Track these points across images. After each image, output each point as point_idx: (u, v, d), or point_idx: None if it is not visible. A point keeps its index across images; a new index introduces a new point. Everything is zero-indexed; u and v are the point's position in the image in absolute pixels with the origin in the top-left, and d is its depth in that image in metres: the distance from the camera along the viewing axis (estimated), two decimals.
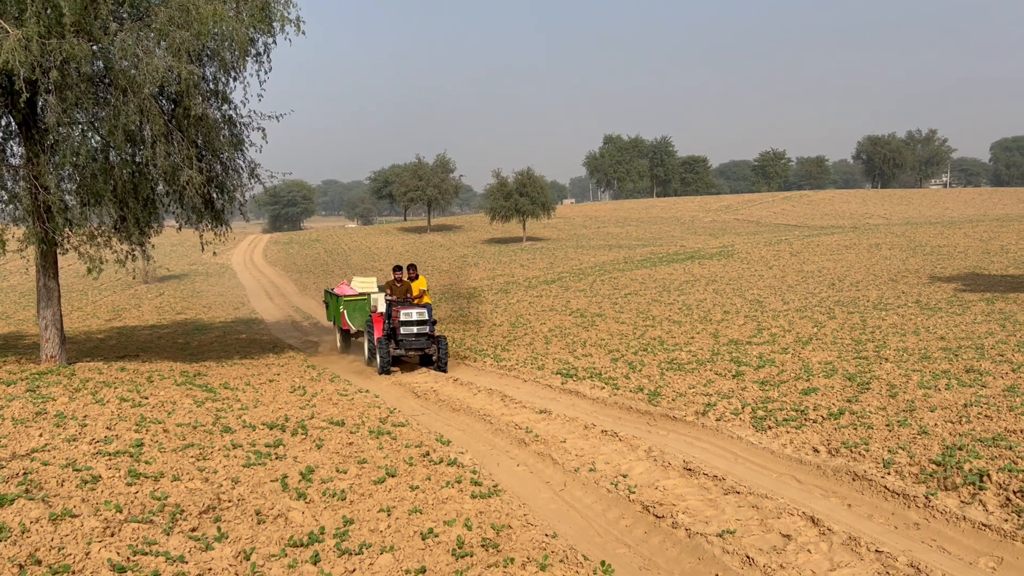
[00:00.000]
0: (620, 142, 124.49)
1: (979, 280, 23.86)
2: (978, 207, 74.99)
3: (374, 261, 52.24)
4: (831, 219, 67.81)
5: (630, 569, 5.77)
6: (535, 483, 8.07)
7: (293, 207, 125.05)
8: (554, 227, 68.30)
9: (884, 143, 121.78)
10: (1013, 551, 5.73)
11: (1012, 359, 11.70)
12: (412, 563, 5.49)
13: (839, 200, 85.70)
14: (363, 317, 18.81)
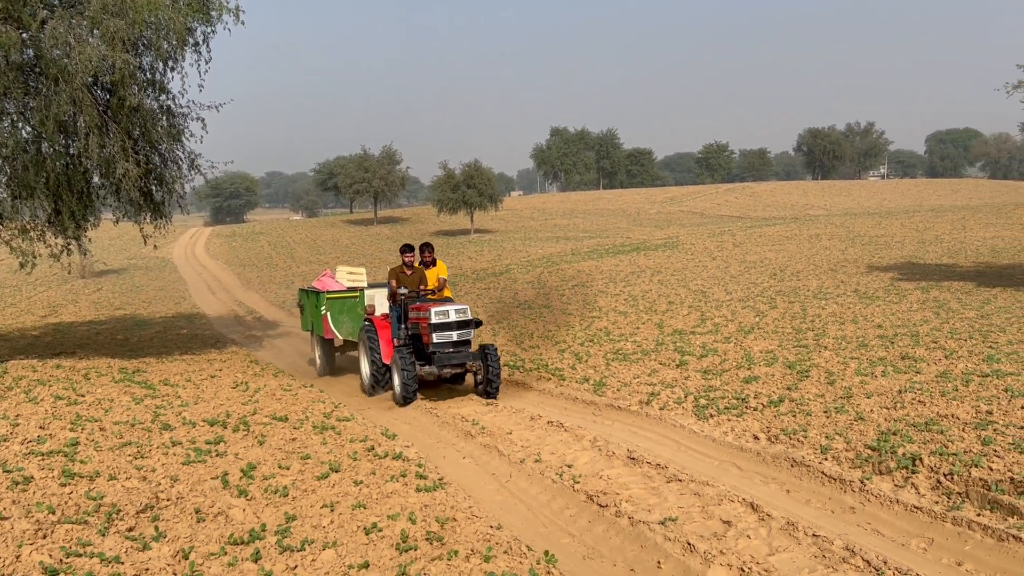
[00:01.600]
0: (567, 134, 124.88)
1: (915, 269, 24.50)
2: (914, 198, 76.98)
3: (320, 254, 51.67)
4: (773, 210, 69.00)
5: (574, 558, 5.81)
6: (481, 475, 8.07)
7: (236, 199, 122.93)
8: (502, 219, 68.27)
9: (824, 136, 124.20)
10: (943, 532, 5.91)
11: (945, 346, 12.04)
12: (355, 558, 5.45)
13: (781, 192, 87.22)
14: (354, 322, 14.35)
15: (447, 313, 11.20)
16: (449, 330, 11.19)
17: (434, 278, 12.69)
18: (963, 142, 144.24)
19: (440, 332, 11.16)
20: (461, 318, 11.26)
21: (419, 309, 11.55)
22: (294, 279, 38.90)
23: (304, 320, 16.48)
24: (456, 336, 11.21)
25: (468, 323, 11.36)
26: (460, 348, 11.34)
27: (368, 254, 48.77)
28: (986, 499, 6.15)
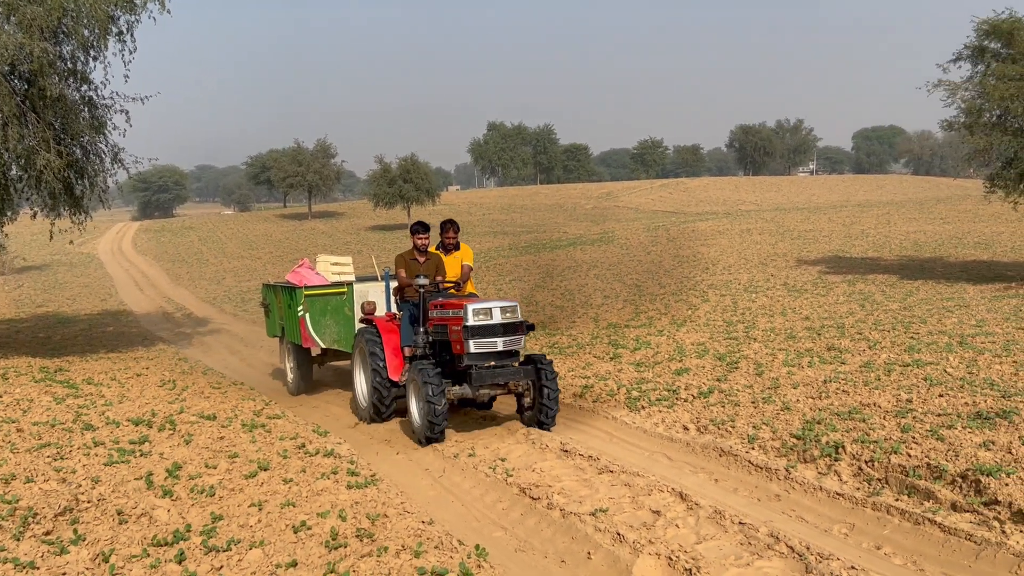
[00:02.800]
0: (504, 129, 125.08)
1: (842, 263, 25.17)
2: (841, 193, 79.09)
3: (252, 249, 50.78)
4: (706, 205, 70.19)
5: (505, 551, 5.81)
6: (414, 471, 8.03)
7: (165, 193, 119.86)
8: (439, 214, 67.88)
9: (755, 132, 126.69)
10: (864, 517, 6.08)
11: (869, 337, 12.39)
12: (283, 557, 5.36)
13: (713, 187, 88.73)
14: (341, 326, 11.67)
15: (490, 312, 8.44)
16: (492, 335, 8.41)
17: (456, 266, 10.10)
18: (888, 139, 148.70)
19: (480, 338, 8.39)
20: (509, 319, 8.48)
21: (446, 307, 8.91)
22: (225, 275, 38.17)
23: (271, 323, 13.76)
24: (502, 344, 8.41)
25: (518, 327, 8.57)
26: (506, 361, 8.63)
27: (302, 250, 48.09)
28: (904, 484, 6.35)
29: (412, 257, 9.87)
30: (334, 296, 11.86)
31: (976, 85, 18.69)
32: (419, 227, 9.89)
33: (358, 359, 10.19)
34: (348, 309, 11.58)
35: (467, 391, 8.69)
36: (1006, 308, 14.37)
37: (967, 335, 11.88)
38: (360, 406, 10.14)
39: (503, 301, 8.68)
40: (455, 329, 8.57)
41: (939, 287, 18.35)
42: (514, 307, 8.62)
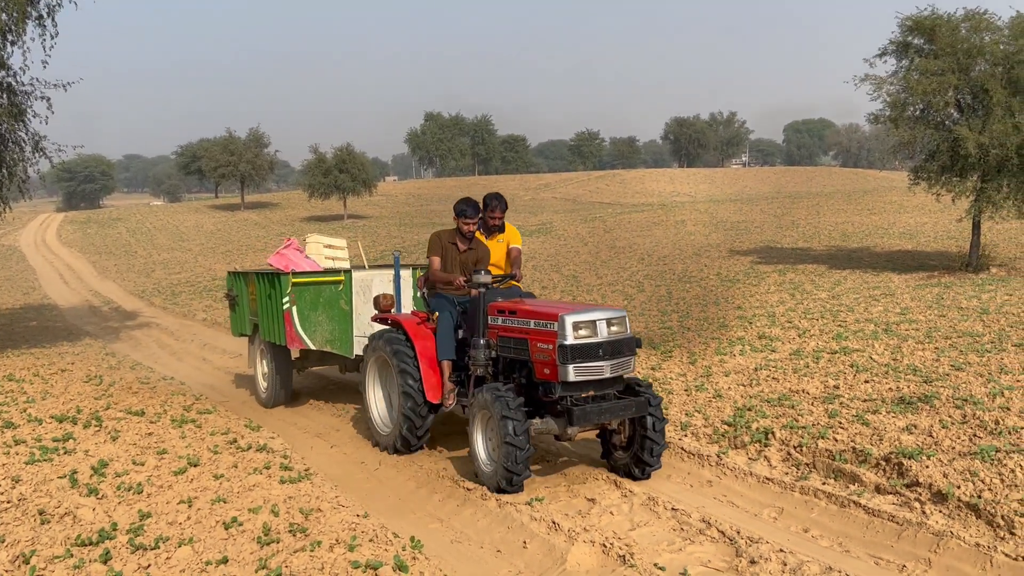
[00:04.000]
0: (441, 120, 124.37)
1: (773, 253, 25.71)
2: (773, 185, 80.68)
3: (183, 241, 49.59)
4: (642, 197, 70.90)
5: (441, 543, 5.79)
6: (349, 464, 7.95)
7: (91, 183, 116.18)
8: (376, 204, 67.34)
9: (690, 124, 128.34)
10: (792, 501, 6.23)
11: (799, 325, 12.68)
12: (213, 554, 5.25)
13: (649, 179, 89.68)
14: (336, 323, 9.85)
15: (593, 327, 6.43)
16: (597, 358, 6.41)
17: (501, 252, 8.13)
18: (818, 132, 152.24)
19: (582, 362, 6.37)
20: (617, 335, 6.53)
21: (523, 314, 6.85)
22: (154, 267, 37.25)
23: (237, 319, 11.80)
24: (609, 370, 6.48)
25: (627, 345, 6.61)
26: (608, 390, 6.67)
27: (235, 241, 47.19)
28: (831, 468, 6.52)
29: (452, 241, 7.81)
30: (328, 285, 9.90)
31: (900, 80, 19.19)
32: (468, 207, 7.72)
33: (374, 372, 8.26)
34: (345, 302, 9.86)
35: (552, 427, 6.66)
36: (929, 296, 14.85)
37: (892, 323, 12.25)
38: (379, 432, 8.12)
39: (607, 309, 6.61)
40: (542, 348, 6.51)
41: (866, 276, 18.88)
42: (622, 318, 6.61)
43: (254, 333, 11.02)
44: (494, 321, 7.16)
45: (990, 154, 17.57)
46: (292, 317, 9.66)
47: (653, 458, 6.76)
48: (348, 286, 9.86)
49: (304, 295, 9.75)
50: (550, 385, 6.53)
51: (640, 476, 6.76)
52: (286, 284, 9.64)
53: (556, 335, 6.39)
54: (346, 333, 9.88)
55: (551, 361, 6.44)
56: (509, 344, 6.97)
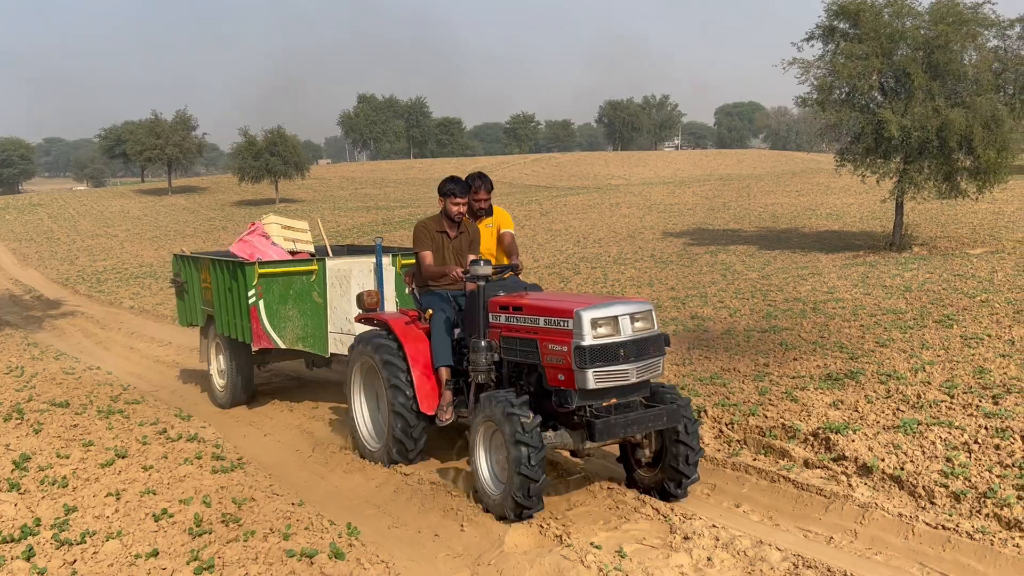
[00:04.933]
0: (375, 102, 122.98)
1: (705, 234, 26.14)
2: (704, 167, 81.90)
3: (108, 227, 48.11)
4: (577, 180, 71.30)
5: (378, 529, 5.76)
6: (283, 453, 7.84)
7: (9, 168, 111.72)
8: (309, 188, 66.32)
9: (623, 107, 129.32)
10: (724, 477, 6.36)
11: (730, 305, 12.92)
12: (143, 547, 5.12)
13: (584, 162, 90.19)
14: (308, 318, 8.82)
15: (615, 323, 5.53)
16: (621, 360, 5.51)
17: (490, 239, 7.45)
18: (748, 115, 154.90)
19: (602, 366, 5.46)
20: (642, 332, 5.64)
21: (529, 310, 5.92)
22: (78, 254, 36.09)
23: (184, 308, 10.87)
24: (635, 374, 5.58)
25: (654, 343, 5.71)
26: (632, 397, 5.76)
27: (163, 226, 46.00)
28: (761, 444, 6.67)
29: (440, 229, 6.89)
30: (299, 276, 8.82)
31: (827, 63, 19.65)
32: (456, 186, 6.89)
33: (359, 378, 7.37)
34: (318, 294, 8.82)
35: (567, 441, 5.81)
36: (854, 275, 15.26)
37: (819, 301, 12.56)
38: (366, 447, 7.23)
39: (630, 302, 5.72)
40: (555, 350, 5.59)
41: (794, 256, 19.32)
42: (648, 312, 5.71)
43: (208, 325, 10.09)
44: (496, 319, 6.17)
45: (912, 136, 18.11)
46: (259, 313, 8.57)
47: (690, 467, 5.82)
48: (322, 277, 8.80)
49: (272, 288, 8.65)
50: (565, 393, 5.59)
51: (676, 492, 5.85)
52: (251, 275, 8.53)
53: (571, 334, 5.45)
54: (320, 329, 8.82)
55: (566, 365, 5.50)
56: (514, 346, 5.99)
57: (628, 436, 5.74)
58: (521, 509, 5.44)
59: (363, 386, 7.39)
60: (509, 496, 5.45)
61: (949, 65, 18.30)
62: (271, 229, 10.01)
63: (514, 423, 5.41)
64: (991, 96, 18.04)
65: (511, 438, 5.38)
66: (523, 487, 5.37)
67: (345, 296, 8.61)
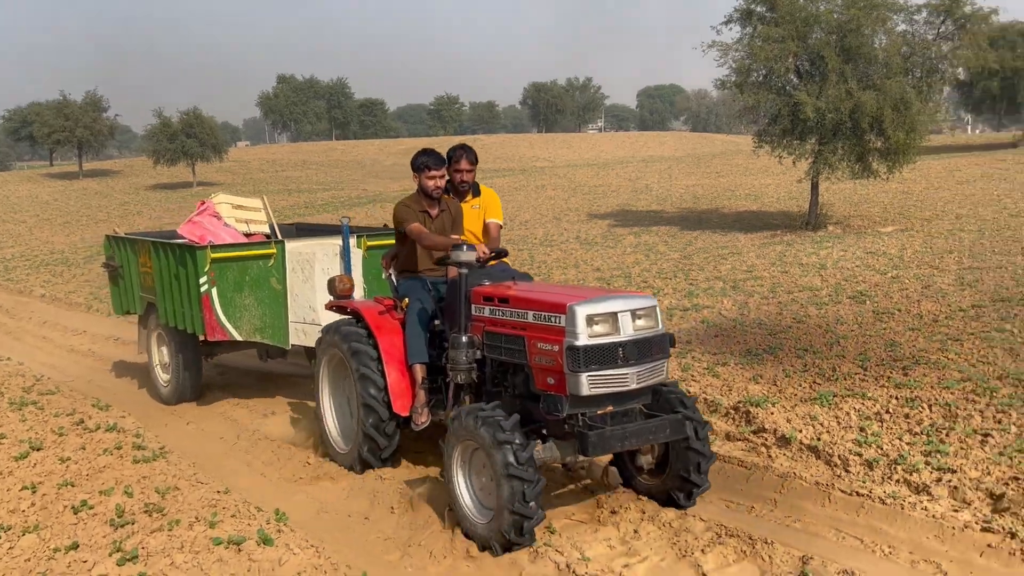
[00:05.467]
0: (295, 82, 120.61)
1: (628, 216, 26.47)
2: (628, 149, 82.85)
3: (15, 212, 46.10)
4: (502, 162, 71.30)
5: (307, 514, 5.71)
6: (207, 441, 7.69)
7: None
8: (228, 171, 64.68)
9: (547, 90, 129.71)
10: None
11: (653, 284, 13.15)
12: (62, 540, 4.98)
13: (509, 144, 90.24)
14: (270, 309, 8.08)
15: (614, 321, 4.91)
16: (620, 363, 4.90)
17: (476, 222, 6.56)
18: (668, 97, 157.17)
19: (598, 370, 4.85)
20: (646, 331, 5.01)
21: (514, 301, 5.30)
22: None
23: (120, 293, 10.01)
24: (635, 379, 4.96)
25: (659, 344, 5.09)
26: (630, 404, 5.16)
27: (74, 211, 44.34)
28: None
29: (422, 209, 6.18)
30: (256, 261, 8.04)
31: (745, 46, 20.01)
32: (430, 157, 6.18)
33: (328, 373, 6.68)
34: (277, 280, 8.05)
35: (555, 453, 5.12)
36: (772, 254, 15.69)
37: (739, 280, 12.89)
38: (335, 449, 6.61)
39: (631, 296, 5.12)
40: (544, 349, 4.97)
41: (715, 236, 19.74)
42: (652, 308, 5.06)
43: (147, 314, 9.28)
44: (479, 311, 5.49)
45: (826, 118, 18.62)
46: (212, 302, 7.80)
47: (701, 476, 5.28)
48: (281, 261, 8.04)
49: (226, 274, 7.88)
50: (555, 399, 4.95)
51: (686, 503, 5.34)
52: (203, 261, 7.75)
53: (563, 332, 4.82)
54: (280, 319, 8.07)
55: (556, 367, 4.86)
56: (499, 343, 5.33)
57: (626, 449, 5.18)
58: (521, 521, 4.68)
59: (332, 382, 6.69)
60: (498, 531, 4.76)
61: (861, 49, 18.84)
62: (222, 209, 9.14)
63: (506, 453, 4.66)
64: (900, 79, 18.66)
65: (503, 470, 4.64)
66: (516, 525, 4.69)
67: (308, 282, 7.92)
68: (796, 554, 4.68)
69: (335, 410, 6.71)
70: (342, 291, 6.78)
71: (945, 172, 30.08)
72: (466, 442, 5.05)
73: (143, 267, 9.14)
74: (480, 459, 5.01)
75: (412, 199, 6.25)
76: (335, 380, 6.67)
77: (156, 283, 8.69)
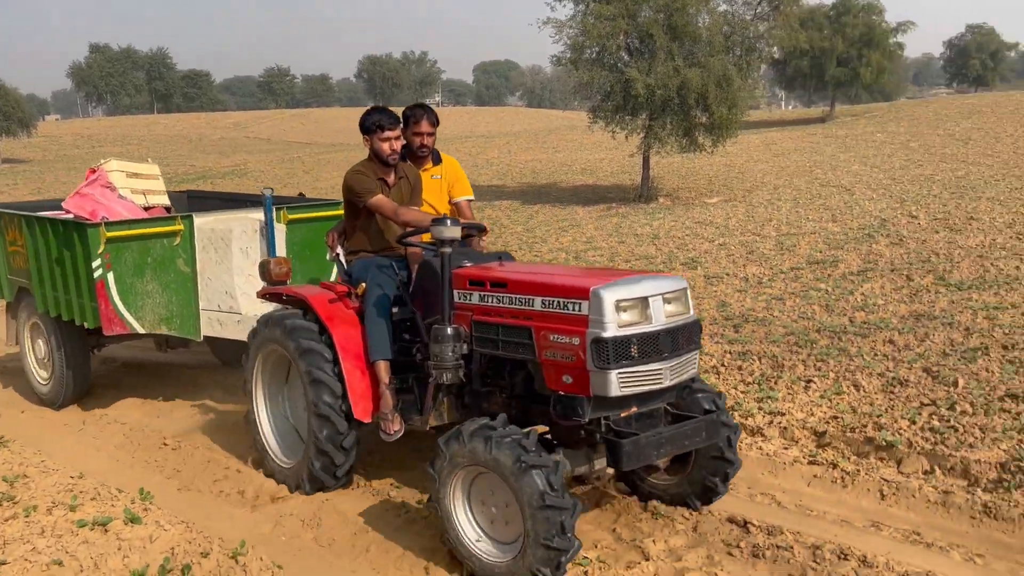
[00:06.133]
0: (110, 52, 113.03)
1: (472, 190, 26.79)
2: (466, 125, 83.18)
3: None
4: (340, 136, 69.85)
5: (169, 492, 5.65)
6: (49, 428, 7.35)
7: None
8: (38, 147, 60.02)
9: (383, 63, 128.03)
10: None
11: None
12: None
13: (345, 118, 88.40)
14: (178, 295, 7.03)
15: (645, 307, 4.14)
16: (655, 357, 4.15)
17: (437, 195, 5.79)
18: (504, 73, 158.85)
19: (631, 366, 4.07)
20: (678, 318, 4.28)
21: (514, 285, 4.49)
22: None
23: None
24: (669, 377, 4.22)
25: (692, 333, 4.37)
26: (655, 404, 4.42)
27: None
28: None
29: (378, 176, 5.33)
30: (159, 239, 6.90)
31: (578, 24, 20.61)
32: (382, 115, 5.33)
33: (264, 372, 5.73)
34: (184, 262, 6.96)
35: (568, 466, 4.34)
36: (609, 226, 16.42)
37: (580, 251, 13.45)
38: (276, 465, 5.62)
39: (659, 277, 4.35)
40: (559, 342, 4.16)
41: (555, 210, 20.37)
42: (683, 291, 4.35)
43: (19, 301, 8.12)
44: (463, 298, 4.65)
45: (656, 95, 19.52)
46: (108, 289, 6.65)
47: (726, 484, 4.78)
48: (189, 239, 6.92)
49: (124, 256, 6.73)
50: (573, 402, 4.18)
51: (697, 506, 4.84)
52: (96, 240, 6.56)
53: (586, 321, 4.05)
54: (189, 307, 7.00)
55: (576, 364, 4.09)
56: (493, 335, 4.49)
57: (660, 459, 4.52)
58: (559, 556, 3.87)
59: (268, 384, 5.75)
60: (539, 545, 3.85)
61: (686, 27, 19.82)
62: (116, 178, 7.84)
63: (537, 480, 3.82)
64: (722, 57, 19.81)
65: (536, 501, 3.81)
66: (553, 562, 3.87)
67: (223, 264, 6.88)
68: None
69: (272, 417, 5.74)
70: (278, 275, 5.87)
71: (763, 146, 32.22)
72: (469, 468, 4.15)
73: (12, 245, 7.93)
74: (486, 486, 4.17)
75: (365, 166, 5.34)
76: (273, 381, 5.74)
77: (31, 265, 7.48)
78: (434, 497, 4.30)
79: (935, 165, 22.06)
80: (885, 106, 49.29)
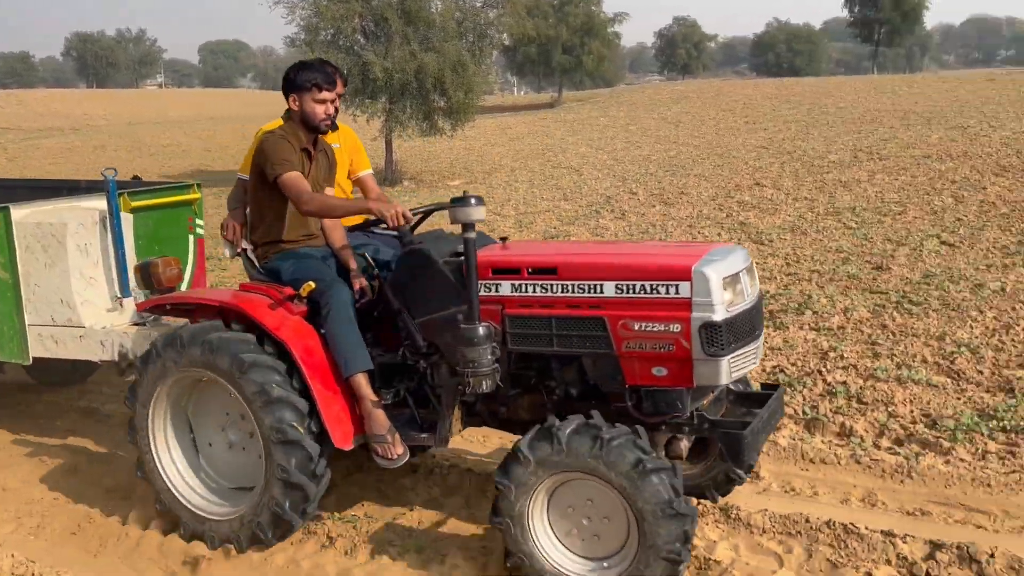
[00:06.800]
0: None
1: (207, 176, 25.48)
2: (194, 107, 78.54)
3: None
4: (48, 120, 63.31)
5: None
6: None
7: None
8: None
9: (95, 41, 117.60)
10: None
11: None
12: None
13: (53, 100, 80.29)
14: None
15: (737, 284, 3.67)
16: (751, 337, 3.75)
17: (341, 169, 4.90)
18: (233, 53, 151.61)
19: (740, 346, 3.66)
20: (758, 293, 3.91)
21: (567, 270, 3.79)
22: None
23: None
24: (754, 354, 3.79)
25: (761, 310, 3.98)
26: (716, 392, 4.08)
27: None
28: None
29: (303, 146, 4.34)
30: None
31: (311, 5, 20.28)
32: (319, 74, 4.27)
33: (168, 406, 4.47)
34: (2, 267, 5.34)
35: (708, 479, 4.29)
36: None
37: None
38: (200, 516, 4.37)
39: (734, 248, 3.87)
40: (652, 331, 3.63)
41: None
42: (752, 264, 3.92)
43: None
44: (488, 290, 3.90)
45: (394, 78, 19.71)
46: None
47: (747, 475, 4.43)
48: (5, 236, 5.28)
49: None
50: (670, 395, 3.72)
51: (716, 498, 4.36)
52: None
53: (689, 305, 3.55)
54: (11, 323, 5.41)
55: (676, 353, 3.60)
56: (541, 330, 3.84)
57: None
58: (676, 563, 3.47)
59: (175, 420, 4.52)
60: (661, 558, 3.43)
61: (420, 13, 20.18)
62: None
63: (660, 486, 3.41)
64: (456, 43, 20.39)
65: (661, 509, 3.39)
66: (675, 535, 3.44)
67: (56, 266, 5.33)
68: None
69: (180, 460, 4.51)
70: (168, 279, 4.87)
71: (499, 130, 33.54)
72: (560, 475, 3.61)
73: None
74: (570, 494, 3.68)
75: (289, 132, 4.30)
76: (181, 416, 4.55)
77: None
78: (504, 511, 3.65)
79: (651, 146, 24.18)
80: (606, 92, 53.00)
